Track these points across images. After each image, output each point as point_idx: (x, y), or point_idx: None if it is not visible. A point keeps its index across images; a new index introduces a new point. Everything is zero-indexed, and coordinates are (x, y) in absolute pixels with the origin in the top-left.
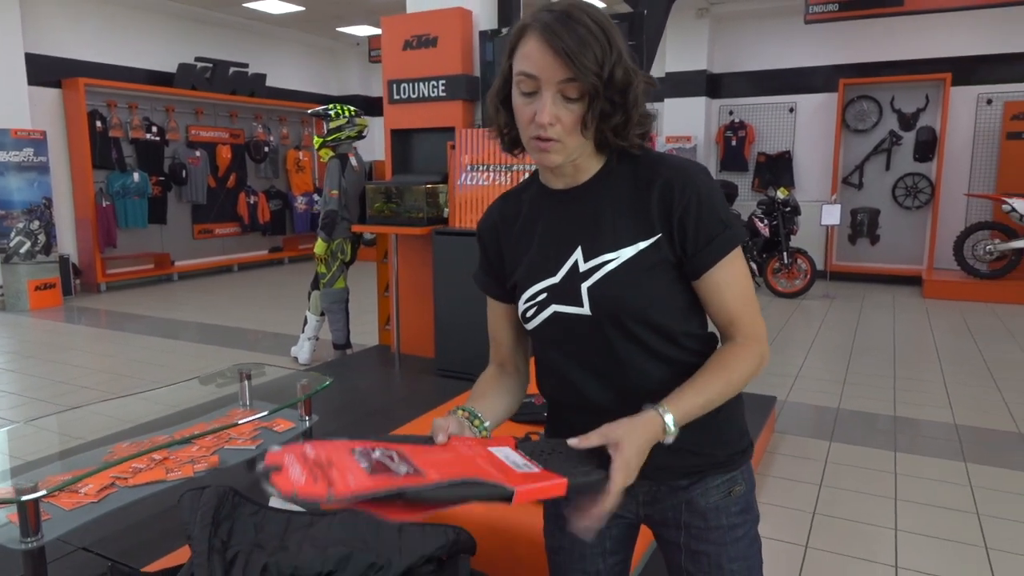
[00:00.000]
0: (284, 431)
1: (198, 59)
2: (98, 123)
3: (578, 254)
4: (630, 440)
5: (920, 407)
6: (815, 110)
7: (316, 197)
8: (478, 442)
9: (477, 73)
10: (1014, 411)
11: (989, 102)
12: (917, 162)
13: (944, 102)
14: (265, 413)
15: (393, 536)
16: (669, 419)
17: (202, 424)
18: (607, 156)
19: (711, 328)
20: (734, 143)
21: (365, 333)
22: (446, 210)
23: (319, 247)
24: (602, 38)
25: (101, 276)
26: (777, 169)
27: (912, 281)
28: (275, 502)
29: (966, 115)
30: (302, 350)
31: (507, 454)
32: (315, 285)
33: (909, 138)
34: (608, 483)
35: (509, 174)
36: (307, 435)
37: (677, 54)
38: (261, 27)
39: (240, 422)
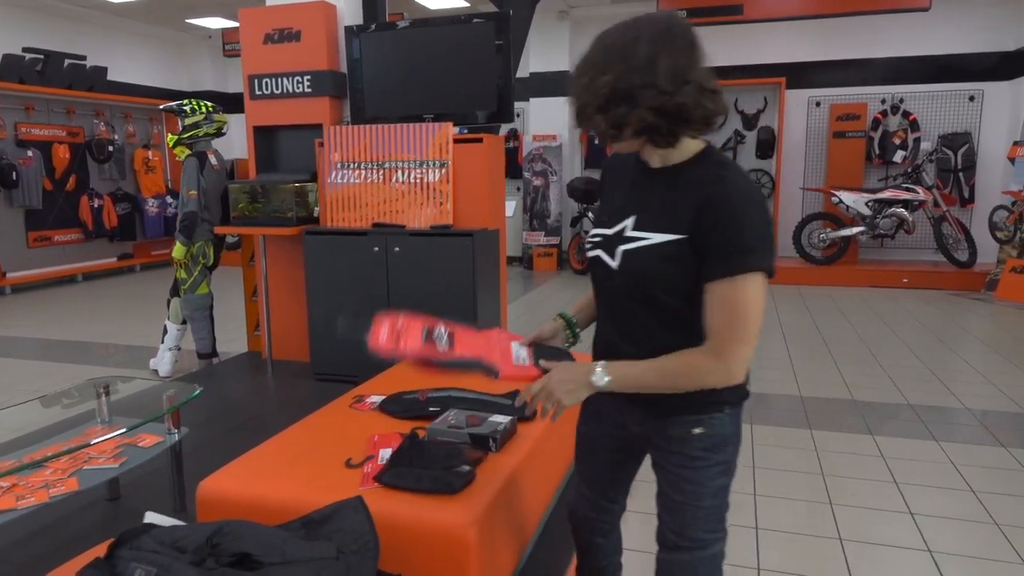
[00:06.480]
0: (151, 446)
1: (27, 49)
2: None
3: (630, 222)
4: (559, 369)
5: (771, 383)
6: None
7: (169, 199)
8: (509, 336)
9: (344, 69)
10: (848, 380)
11: (818, 104)
12: (759, 159)
13: (780, 104)
14: (124, 429)
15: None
16: (599, 369)
17: (56, 445)
18: (693, 153)
19: None
20: (597, 142)
21: (232, 340)
22: (316, 209)
23: (178, 251)
24: (596, 59)
25: None
26: None
27: None
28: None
29: (799, 116)
30: (162, 362)
31: (518, 350)
32: (175, 292)
33: (752, 137)
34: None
35: (382, 171)
36: (176, 449)
37: (540, 55)
38: (100, 17)
39: (95, 440)
